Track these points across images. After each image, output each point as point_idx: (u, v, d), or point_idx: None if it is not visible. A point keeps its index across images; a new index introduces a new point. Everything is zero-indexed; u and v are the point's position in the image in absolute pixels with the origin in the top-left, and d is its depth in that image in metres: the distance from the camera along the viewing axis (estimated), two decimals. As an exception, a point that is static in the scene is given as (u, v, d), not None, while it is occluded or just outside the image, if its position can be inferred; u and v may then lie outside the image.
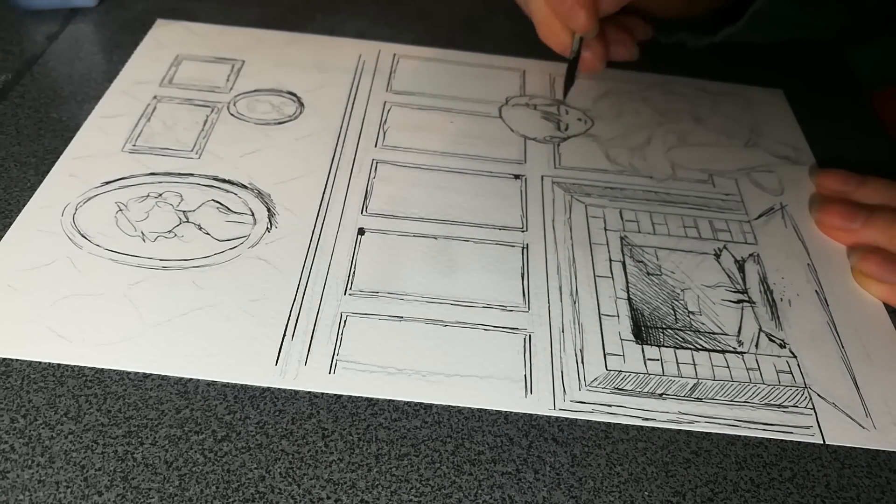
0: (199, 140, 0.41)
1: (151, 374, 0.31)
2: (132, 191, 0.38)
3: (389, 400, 0.31)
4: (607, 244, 0.38)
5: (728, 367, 0.34)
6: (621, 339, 0.34)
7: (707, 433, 0.31)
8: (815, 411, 0.32)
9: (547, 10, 0.38)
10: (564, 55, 0.40)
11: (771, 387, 0.33)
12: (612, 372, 0.33)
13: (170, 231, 0.36)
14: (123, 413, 0.29)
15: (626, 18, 0.43)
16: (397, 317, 0.34)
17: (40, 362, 0.31)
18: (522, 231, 0.39)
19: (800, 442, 0.31)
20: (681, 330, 0.35)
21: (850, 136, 0.48)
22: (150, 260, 0.35)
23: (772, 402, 0.32)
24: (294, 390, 0.31)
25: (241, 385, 0.31)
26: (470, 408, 0.31)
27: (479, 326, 0.34)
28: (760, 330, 0.35)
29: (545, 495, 0.29)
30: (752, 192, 0.42)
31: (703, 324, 0.35)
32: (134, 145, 0.40)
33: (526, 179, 0.42)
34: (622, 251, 0.38)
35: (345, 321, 0.33)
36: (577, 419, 0.31)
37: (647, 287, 0.37)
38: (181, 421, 0.29)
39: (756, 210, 0.41)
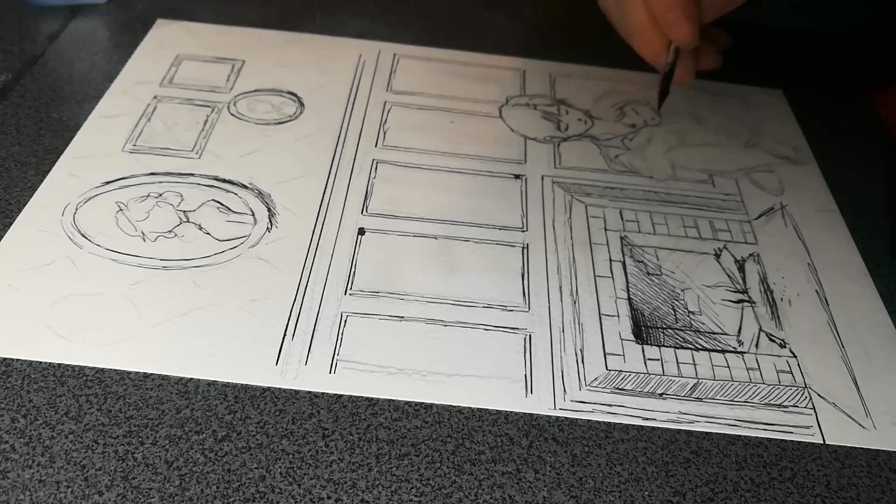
0: (199, 140, 0.41)
1: (152, 374, 0.31)
2: (132, 191, 0.38)
3: (390, 400, 0.31)
4: (607, 244, 0.38)
5: (728, 366, 0.34)
6: (621, 339, 0.34)
7: (707, 433, 0.31)
8: (815, 411, 0.32)
9: (647, 20, 0.38)
10: (657, 66, 0.39)
11: (771, 387, 0.33)
12: (612, 372, 0.33)
13: (170, 231, 0.36)
14: (124, 413, 0.29)
15: (708, 28, 0.43)
16: (398, 317, 0.34)
17: (41, 362, 0.31)
18: (522, 231, 0.39)
19: (800, 442, 0.31)
20: (681, 330, 0.35)
21: (850, 136, 0.48)
22: (150, 260, 0.35)
23: (772, 401, 0.32)
24: (294, 390, 0.31)
25: (242, 385, 0.31)
26: (470, 407, 0.31)
27: (480, 326, 0.34)
28: (760, 330, 0.35)
29: (545, 495, 0.29)
30: (752, 192, 0.43)
31: (703, 324, 0.35)
32: (134, 145, 0.40)
33: (526, 179, 0.42)
34: (622, 251, 0.38)
35: (345, 321, 0.33)
36: (577, 419, 0.31)
37: (647, 287, 0.37)
38: (182, 421, 0.29)
39: (756, 210, 0.41)
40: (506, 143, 0.44)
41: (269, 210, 0.38)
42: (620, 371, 0.33)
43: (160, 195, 0.38)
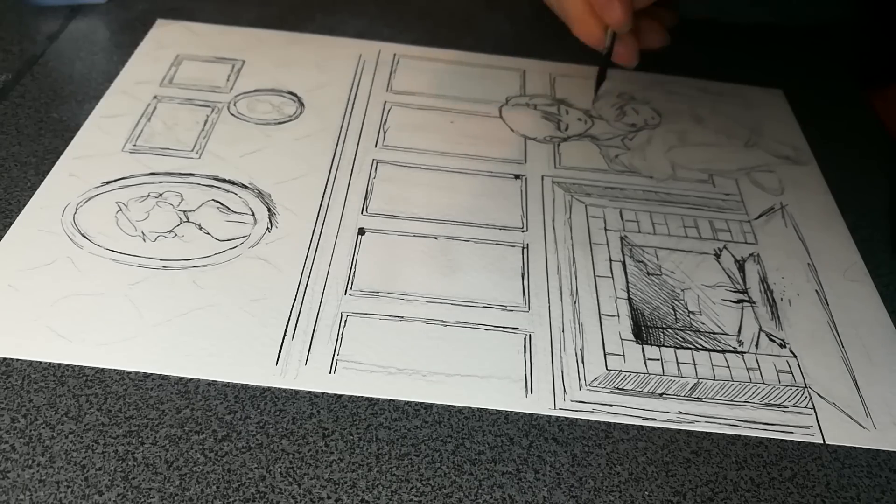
0: (199, 140, 0.41)
1: (152, 374, 0.31)
2: (132, 191, 0.38)
3: (390, 400, 0.31)
4: (607, 244, 0.38)
5: (728, 366, 0.34)
6: (621, 339, 0.34)
7: (707, 433, 0.31)
8: (815, 411, 0.32)
9: (583, 5, 0.38)
10: (598, 49, 0.40)
11: (771, 386, 0.33)
12: (612, 372, 0.33)
13: (170, 231, 0.36)
14: (124, 413, 0.29)
15: (652, 8, 0.43)
16: (398, 317, 0.34)
17: (41, 362, 0.31)
18: (522, 231, 0.39)
19: (800, 442, 0.31)
20: (681, 330, 0.35)
21: (850, 136, 0.48)
22: (150, 260, 0.35)
23: (772, 401, 0.32)
24: (294, 390, 0.31)
25: (242, 385, 0.31)
26: (470, 407, 0.31)
27: (480, 326, 0.34)
28: (760, 330, 0.35)
29: (545, 495, 0.29)
30: (752, 191, 0.43)
31: (703, 323, 0.35)
32: (134, 145, 0.40)
33: (526, 179, 0.42)
34: (622, 251, 0.38)
35: (345, 321, 0.33)
36: (577, 419, 0.31)
37: (647, 287, 0.37)
38: (182, 421, 0.29)
39: (756, 210, 0.41)
40: (506, 143, 0.44)
41: (269, 210, 0.38)
42: (620, 371, 0.33)
43: (160, 195, 0.38)
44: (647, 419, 0.31)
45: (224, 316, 0.33)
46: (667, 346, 0.34)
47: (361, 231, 0.37)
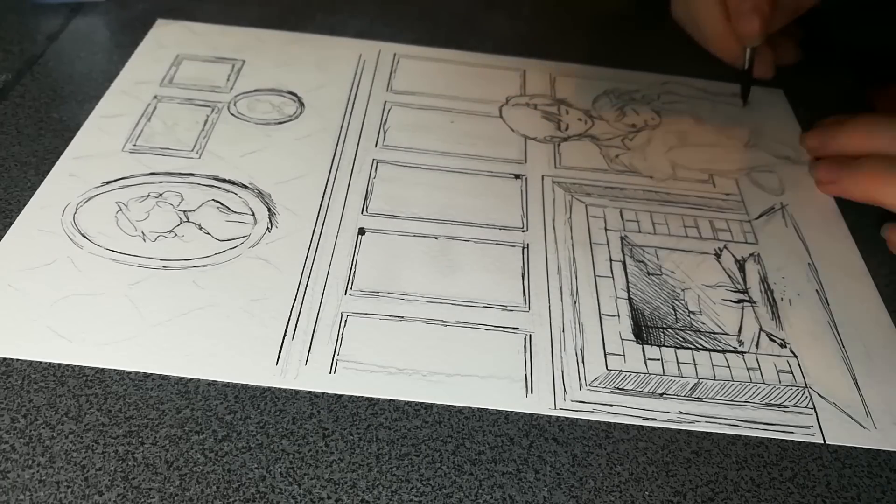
0: (199, 140, 0.41)
1: (152, 374, 0.31)
2: (132, 191, 0.38)
3: (390, 400, 0.31)
4: (608, 244, 0.38)
5: (728, 366, 0.34)
6: (622, 339, 0.34)
7: (707, 433, 0.31)
8: (815, 411, 0.32)
9: (723, 26, 0.41)
10: (736, 66, 0.44)
11: (771, 386, 0.33)
12: (612, 371, 0.33)
13: (170, 231, 0.36)
14: (124, 413, 0.29)
15: (786, 26, 0.46)
16: (398, 317, 0.34)
17: (41, 362, 0.31)
18: (523, 231, 0.39)
19: (800, 442, 0.31)
20: (681, 330, 0.35)
21: (851, 136, 0.48)
22: (150, 260, 0.35)
23: (772, 401, 0.32)
24: (294, 390, 0.31)
25: (242, 385, 0.31)
26: (470, 407, 0.31)
27: (480, 326, 0.34)
28: (761, 329, 0.35)
29: (546, 495, 0.29)
30: (753, 191, 0.43)
31: (703, 323, 0.35)
32: (134, 145, 0.40)
33: (526, 179, 0.42)
34: (622, 251, 0.38)
35: (345, 321, 0.33)
36: (577, 419, 0.31)
37: (647, 287, 0.37)
38: (182, 421, 0.29)
39: (756, 210, 0.41)
40: (506, 143, 0.44)
41: (269, 210, 0.38)
42: (621, 371, 0.33)
43: (160, 195, 0.38)
44: (647, 419, 0.31)
45: (224, 316, 0.33)
46: (667, 346, 0.34)
47: (361, 231, 0.37)
